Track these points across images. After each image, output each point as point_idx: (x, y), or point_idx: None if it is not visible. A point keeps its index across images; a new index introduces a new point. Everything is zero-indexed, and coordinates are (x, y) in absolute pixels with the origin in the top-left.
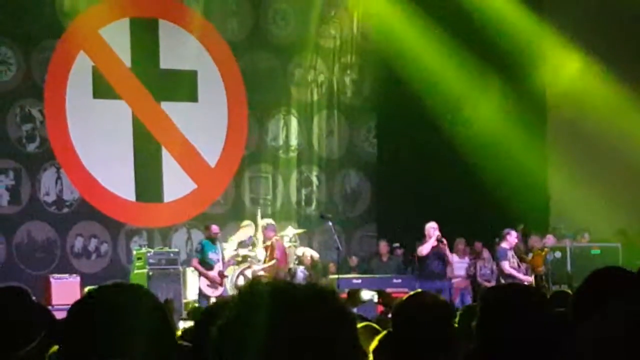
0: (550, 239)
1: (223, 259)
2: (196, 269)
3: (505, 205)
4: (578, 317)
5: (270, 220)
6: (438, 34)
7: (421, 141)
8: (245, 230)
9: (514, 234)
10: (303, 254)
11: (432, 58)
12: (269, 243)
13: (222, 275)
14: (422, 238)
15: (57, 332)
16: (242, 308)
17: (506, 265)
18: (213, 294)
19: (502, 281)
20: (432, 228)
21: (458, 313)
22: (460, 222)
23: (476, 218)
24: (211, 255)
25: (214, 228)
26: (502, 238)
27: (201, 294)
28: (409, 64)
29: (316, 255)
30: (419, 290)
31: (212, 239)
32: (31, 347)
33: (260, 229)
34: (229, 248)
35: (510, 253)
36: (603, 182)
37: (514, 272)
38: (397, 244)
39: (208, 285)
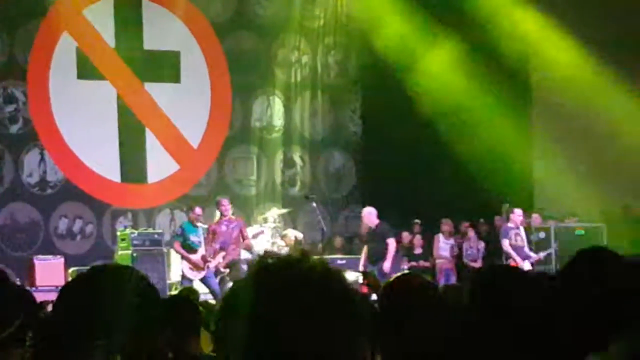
0: (536, 219)
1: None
2: (178, 252)
3: (490, 185)
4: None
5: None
6: (422, 14)
7: (406, 121)
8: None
9: (517, 212)
10: (286, 234)
11: (416, 38)
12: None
13: (205, 259)
14: (407, 220)
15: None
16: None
17: (505, 243)
18: (196, 277)
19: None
20: (391, 244)
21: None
22: (446, 202)
23: (461, 198)
24: (192, 238)
25: (197, 210)
26: (507, 216)
27: (184, 277)
28: (394, 44)
29: (300, 235)
30: (406, 272)
31: (193, 221)
32: (9, 331)
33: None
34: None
35: (514, 232)
36: (587, 164)
37: (511, 251)
38: None
39: (190, 269)
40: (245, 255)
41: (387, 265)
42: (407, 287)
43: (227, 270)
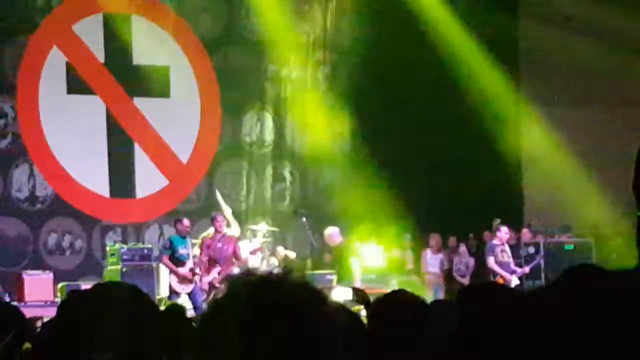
0: (526, 234)
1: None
2: (166, 265)
3: (480, 200)
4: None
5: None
6: (412, 29)
7: (396, 137)
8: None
9: (504, 229)
10: (277, 251)
11: (407, 53)
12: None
13: (193, 272)
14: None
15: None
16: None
17: (490, 261)
18: (184, 291)
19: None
20: (355, 264)
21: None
22: (436, 218)
23: (452, 213)
24: (181, 251)
25: (186, 222)
26: (494, 233)
27: (172, 291)
28: (384, 59)
29: (292, 255)
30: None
31: (182, 234)
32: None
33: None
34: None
35: (499, 248)
36: (576, 180)
37: (497, 268)
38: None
39: (178, 282)
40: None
41: (358, 285)
42: (396, 303)
43: (223, 286)
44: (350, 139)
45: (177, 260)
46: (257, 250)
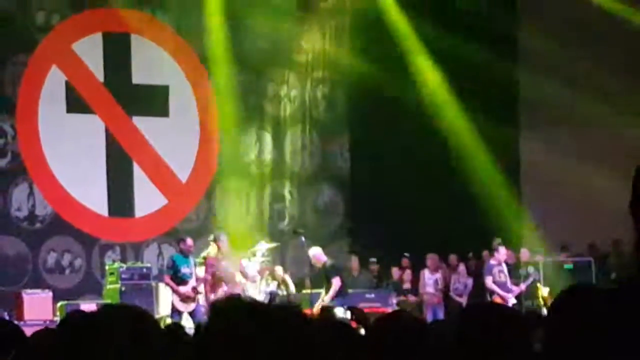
0: (524, 254)
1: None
2: (168, 285)
3: (479, 219)
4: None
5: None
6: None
7: (395, 156)
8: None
9: (502, 250)
10: (275, 271)
11: (405, 73)
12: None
13: (195, 290)
14: (396, 255)
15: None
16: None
17: (488, 281)
18: (186, 310)
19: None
20: (335, 283)
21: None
22: (435, 237)
23: (451, 232)
24: (184, 270)
25: (189, 241)
26: (491, 253)
27: (174, 310)
28: (383, 78)
29: (290, 285)
30: (396, 309)
31: (185, 253)
32: None
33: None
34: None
35: (497, 269)
36: (575, 199)
37: (495, 288)
38: (373, 259)
39: (181, 301)
40: (250, 288)
41: (327, 299)
42: (395, 324)
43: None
44: (349, 158)
45: (180, 279)
46: (264, 270)
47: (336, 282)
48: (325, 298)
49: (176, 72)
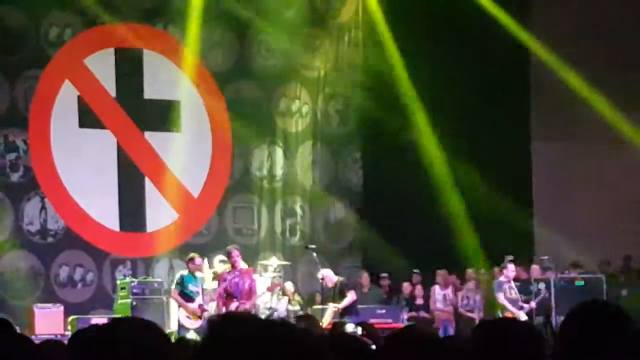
0: (535, 270)
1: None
2: (176, 300)
3: (490, 235)
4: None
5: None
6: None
7: (407, 172)
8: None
9: (510, 267)
10: (285, 286)
11: (419, 88)
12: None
13: (202, 308)
14: (408, 270)
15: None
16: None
17: (500, 297)
18: (192, 326)
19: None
20: (351, 296)
21: None
22: (447, 253)
23: (463, 249)
24: (191, 288)
25: (197, 260)
26: (500, 270)
27: (180, 326)
28: (395, 94)
29: (298, 299)
30: (410, 324)
31: (193, 272)
32: None
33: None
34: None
35: (507, 285)
36: (585, 216)
37: (507, 304)
38: (384, 274)
39: (187, 317)
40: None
41: (340, 306)
42: (409, 339)
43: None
44: (361, 173)
45: (187, 297)
46: (275, 286)
47: (352, 295)
48: (339, 306)
49: (188, 87)
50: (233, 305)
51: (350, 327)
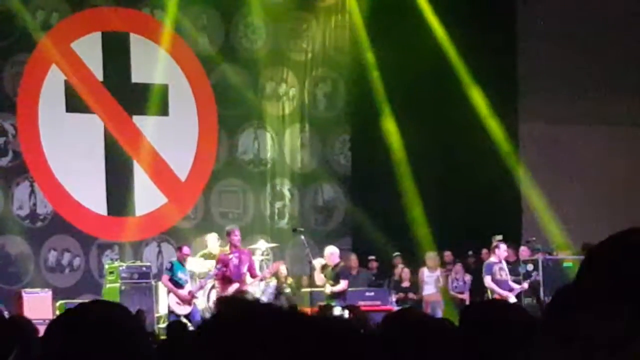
0: (524, 251)
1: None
2: (166, 286)
3: (480, 217)
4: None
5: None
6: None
7: (396, 154)
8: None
9: (502, 246)
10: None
11: (408, 69)
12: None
13: (192, 294)
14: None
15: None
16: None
17: (487, 280)
18: (182, 312)
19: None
20: (344, 285)
21: None
22: (435, 235)
23: (451, 230)
24: (180, 275)
25: (185, 249)
26: (491, 251)
27: (170, 311)
28: (383, 76)
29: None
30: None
31: (181, 260)
32: None
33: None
34: (197, 263)
35: (497, 267)
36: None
37: (494, 287)
38: (372, 257)
39: (177, 303)
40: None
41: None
42: (406, 320)
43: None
44: (350, 156)
45: (176, 284)
46: (275, 269)
47: (345, 283)
48: (334, 289)
49: (175, 71)
50: (231, 288)
51: (337, 310)
